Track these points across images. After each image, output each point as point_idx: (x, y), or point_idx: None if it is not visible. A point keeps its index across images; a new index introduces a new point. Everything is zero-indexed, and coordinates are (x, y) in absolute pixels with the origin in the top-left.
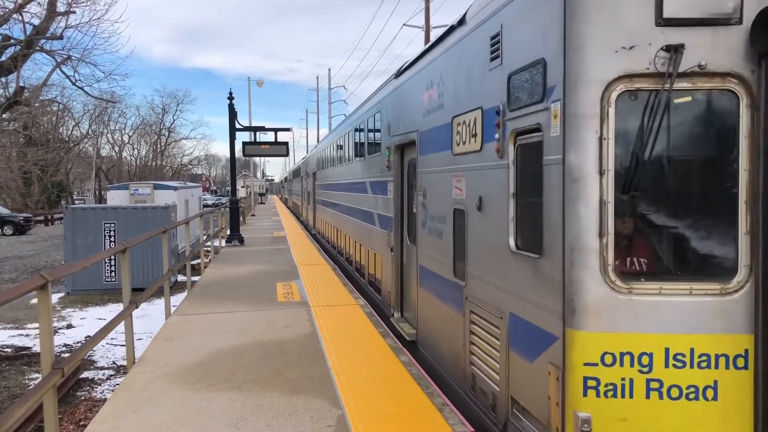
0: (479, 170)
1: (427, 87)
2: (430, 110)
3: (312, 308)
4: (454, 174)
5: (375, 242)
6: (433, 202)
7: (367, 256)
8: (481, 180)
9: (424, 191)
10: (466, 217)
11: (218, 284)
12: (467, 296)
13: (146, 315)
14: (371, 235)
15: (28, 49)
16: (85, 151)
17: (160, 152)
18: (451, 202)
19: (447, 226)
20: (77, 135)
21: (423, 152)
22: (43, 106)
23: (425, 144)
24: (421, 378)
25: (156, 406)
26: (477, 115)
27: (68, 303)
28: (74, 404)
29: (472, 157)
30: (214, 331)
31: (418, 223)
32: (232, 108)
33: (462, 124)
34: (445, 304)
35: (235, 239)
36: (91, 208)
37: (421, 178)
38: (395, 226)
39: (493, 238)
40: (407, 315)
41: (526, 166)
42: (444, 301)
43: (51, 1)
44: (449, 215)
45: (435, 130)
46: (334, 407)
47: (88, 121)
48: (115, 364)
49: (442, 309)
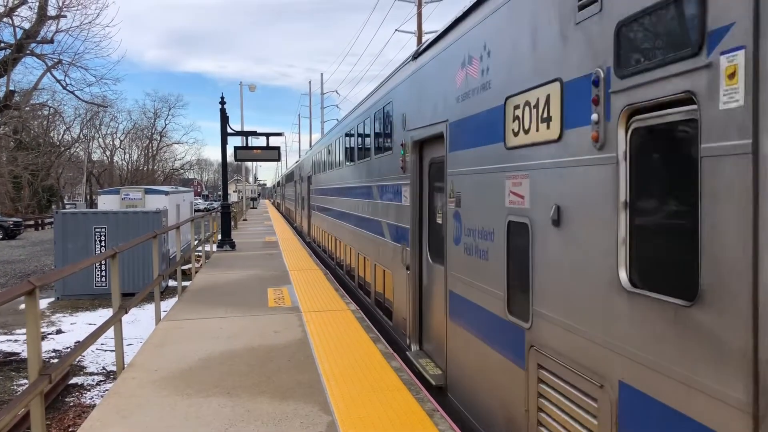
0: (556, 168)
1: (463, 64)
2: (466, 93)
3: (303, 313)
4: (508, 174)
5: (385, 257)
6: (472, 211)
7: (374, 272)
8: (559, 182)
9: (457, 198)
10: (532, 234)
11: (209, 289)
12: (533, 344)
13: (137, 320)
14: (380, 249)
15: (18, 53)
16: (77, 155)
17: (152, 157)
18: (503, 213)
19: (496, 244)
20: (68, 139)
21: (455, 147)
22: (34, 110)
23: (458, 137)
24: (411, 384)
25: (145, 413)
26: (552, 90)
27: (58, 308)
28: (63, 410)
29: (542, 151)
30: (204, 336)
31: (448, 237)
32: (224, 113)
33: (523, 106)
34: (493, 349)
35: (226, 244)
36: (82, 212)
37: (452, 180)
38: (412, 239)
39: (583, 267)
40: (428, 348)
41: (652, 161)
42: (491, 344)
43: (42, 4)
44: (500, 230)
45: (474, 118)
46: (324, 413)
47: (79, 125)
48: (104, 370)
49: (487, 354)
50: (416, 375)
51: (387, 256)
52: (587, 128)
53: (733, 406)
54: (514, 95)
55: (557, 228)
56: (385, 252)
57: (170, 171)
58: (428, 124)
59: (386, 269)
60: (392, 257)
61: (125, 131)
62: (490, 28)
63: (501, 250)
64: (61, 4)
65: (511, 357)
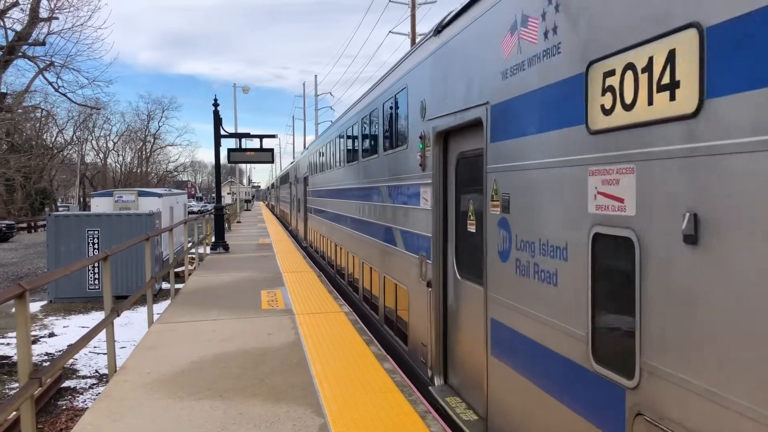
0: (691, 157)
1: (513, 27)
2: (518, 66)
3: (296, 316)
4: (595, 169)
5: (398, 269)
6: (530, 218)
7: (383, 285)
8: (696, 178)
9: (503, 201)
10: (641, 254)
11: (202, 292)
12: (640, 411)
13: (130, 323)
14: (391, 260)
15: (9, 55)
16: (70, 157)
17: (146, 159)
18: (584, 222)
19: (571, 264)
20: (61, 141)
21: (499, 136)
22: (26, 113)
23: (505, 123)
24: (404, 386)
25: (137, 416)
26: (682, 42)
27: (51, 311)
28: (55, 414)
29: (661, 132)
30: (197, 339)
31: (489, 250)
32: (217, 115)
33: (621, 71)
34: (566, 406)
35: (220, 246)
36: (74, 215)
37: (494, 179)
38: (434, 250)
39: (747, 308)
40: (455, 382)
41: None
42: (562, 400)
43: (33, 6)
44: (578, 245)
45: (531, 96)
46: (317, 415)
47: (72, 127)
48: (97, 373)
49: (556, 411)
50: (442, 416)
51: (401, 269)
52: (751, 95)
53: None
54: (604, 58)
55: (693, 246)
56: (398, 264)
57: (164, 173)
58: (458, 110)
59: (399, 284)
60: (407, 270)
61: (119, 133)
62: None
63: (581, 272)
64: (53, 6)
65: (599, 423)
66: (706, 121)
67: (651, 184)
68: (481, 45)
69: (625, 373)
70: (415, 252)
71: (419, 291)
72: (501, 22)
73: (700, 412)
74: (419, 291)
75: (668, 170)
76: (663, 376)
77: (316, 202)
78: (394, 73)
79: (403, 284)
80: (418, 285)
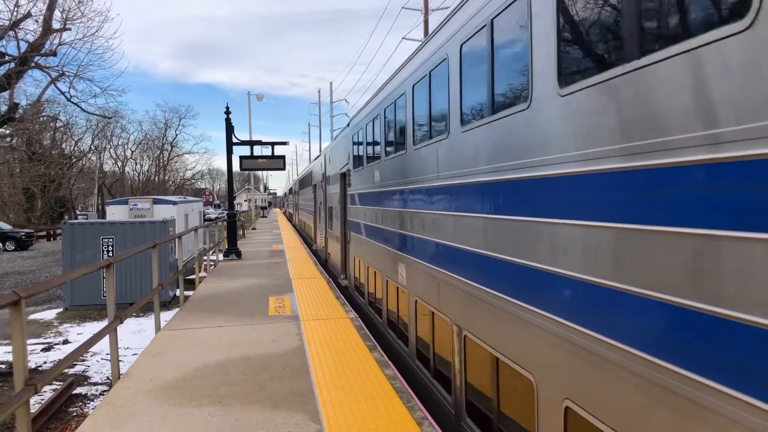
0: None
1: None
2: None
3: (302, 322)
4: None
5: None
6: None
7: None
8: None
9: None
10: None
11: (211, 298)
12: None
13: (143, 330)
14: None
15: (22, 65)
16: (88, 166)
17: (163, 167)
18: None
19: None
20: (79, 151)
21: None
22: (43, 123)
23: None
24: (403, 392)
25: (137, 422)
26: None
27: (66, 318)
28: (66, 420)
29: None
30: (202, 345)
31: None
32: (229, 122)
33: None
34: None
35: (232, 253)
36: (90, 223)
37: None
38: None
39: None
40: None
41: None
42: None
43: (46, 17)
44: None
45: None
46: (314, 422)
47: (90, 136)
48: (108, 380)
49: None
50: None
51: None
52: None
53: None
54: None
55: None
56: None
57: (181, 181)
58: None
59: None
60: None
61: (136, 142)
62: None
63: None
64: (65, 17)
65: None
66: None
67: None
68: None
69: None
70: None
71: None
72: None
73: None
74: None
75: None
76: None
77: (366, 214)
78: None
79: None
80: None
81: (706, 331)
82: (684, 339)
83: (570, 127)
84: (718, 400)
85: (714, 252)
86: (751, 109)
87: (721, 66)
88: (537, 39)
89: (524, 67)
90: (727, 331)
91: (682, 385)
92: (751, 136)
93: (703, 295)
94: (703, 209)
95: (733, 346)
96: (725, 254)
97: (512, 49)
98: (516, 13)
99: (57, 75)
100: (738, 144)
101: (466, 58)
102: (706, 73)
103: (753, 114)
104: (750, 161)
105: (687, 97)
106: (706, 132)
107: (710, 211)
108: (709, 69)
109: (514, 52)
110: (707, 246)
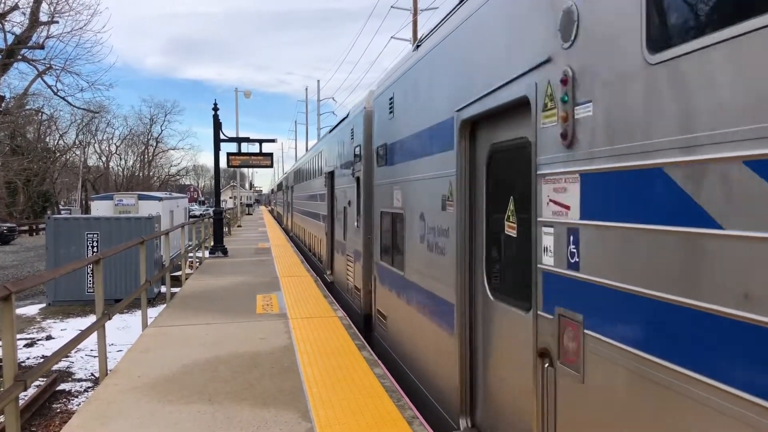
0: None
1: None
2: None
3: (290, 320)
4: None
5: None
6: None
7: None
8: None
9: None
10: None
11: (198, 296)
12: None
13: (128, 326)
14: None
15: (9, 58)
16: (72, 161)
17: (148, 163)
18: None
19: None
20: (63, 145)
21: None
22: (28, 116)
23: None
24: (393, 390)
25: (125, 419)
26: None
27: (49, 314)
28: (49, 417)
29: None
30: (190, 343)
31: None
32: (217, 119)
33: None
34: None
35: (218, 250)
36: (74, 218)
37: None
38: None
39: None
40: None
41: None
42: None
43: (34, 10)
44: None
45: None
46: (304, 420)
47: (75, 130)
48: (93, 376)
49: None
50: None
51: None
52: None
53: None
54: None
55: None
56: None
57: (166, 177)
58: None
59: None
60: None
61: (121, 137)
62: None
63: None
64: (53, 10)
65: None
66: None
67: None
68: None
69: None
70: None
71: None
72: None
73: None
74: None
75: None
76: None
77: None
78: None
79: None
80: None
81: None
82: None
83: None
84: None
85: None
86: None
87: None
88: None
89: None
90: None
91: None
92: None
93: None
94: None
95: None
96: None
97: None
98: None
99: (44, 68)
100: None
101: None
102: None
103: None
104: None
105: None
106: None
107: None
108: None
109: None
110: None
